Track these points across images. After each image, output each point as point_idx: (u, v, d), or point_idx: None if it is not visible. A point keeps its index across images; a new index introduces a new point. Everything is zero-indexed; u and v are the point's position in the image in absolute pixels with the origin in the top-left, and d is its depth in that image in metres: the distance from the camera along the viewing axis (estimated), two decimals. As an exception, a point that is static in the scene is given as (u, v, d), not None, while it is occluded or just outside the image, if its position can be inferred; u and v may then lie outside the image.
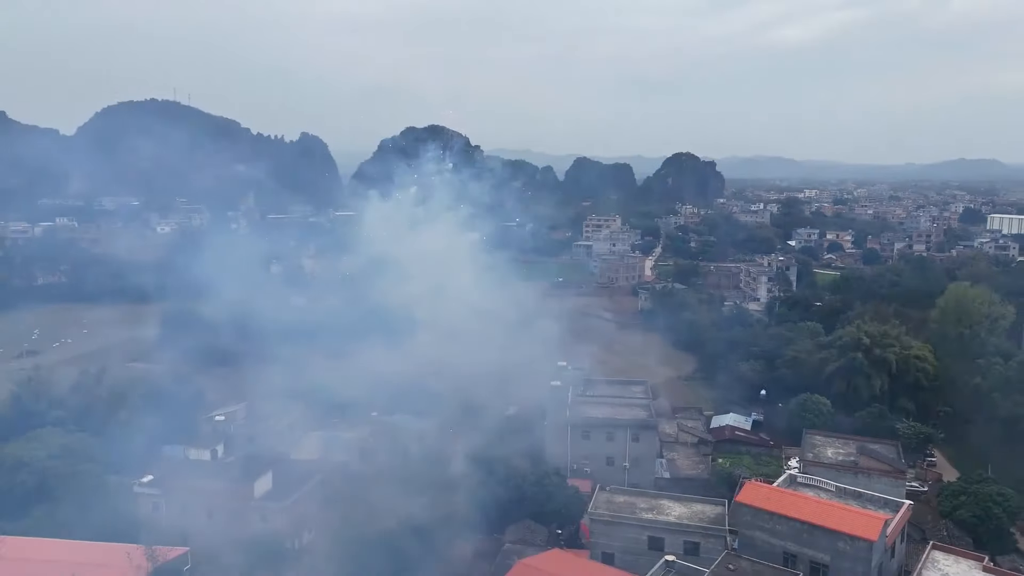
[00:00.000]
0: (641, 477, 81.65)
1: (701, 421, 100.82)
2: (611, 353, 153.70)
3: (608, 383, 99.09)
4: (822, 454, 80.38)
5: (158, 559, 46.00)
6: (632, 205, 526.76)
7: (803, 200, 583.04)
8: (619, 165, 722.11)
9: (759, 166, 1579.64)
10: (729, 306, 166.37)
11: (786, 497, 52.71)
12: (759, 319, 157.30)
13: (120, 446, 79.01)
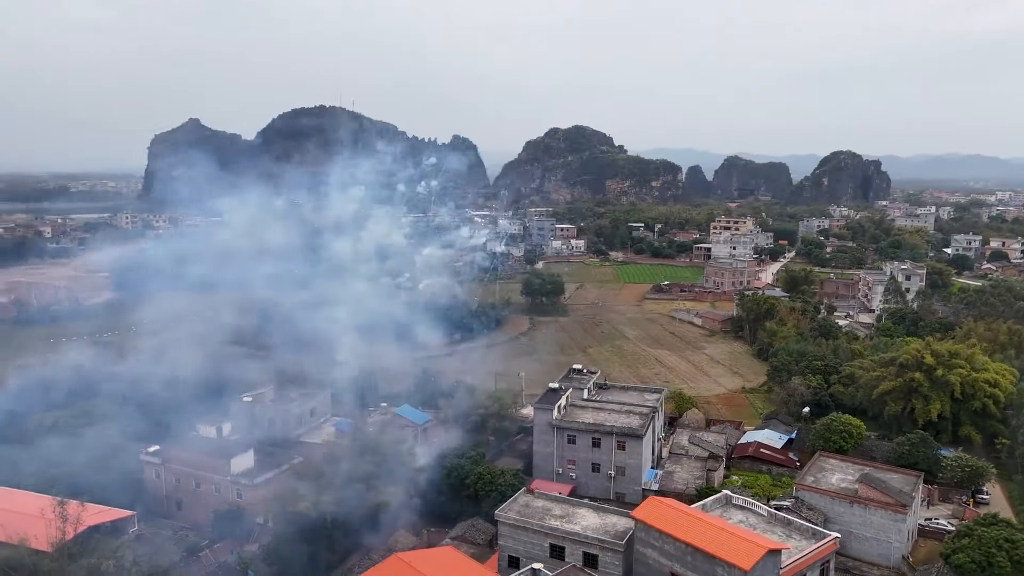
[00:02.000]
0: (627, 487, 79.55)
1: (727, 436, 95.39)
2: (682, 359, 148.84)
3: (623, 389, 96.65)
4: (825, 479, 74.09)
5: (67, 514, 52.04)
6: (780, 206, 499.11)
7: (988, 203, 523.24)
8: (774, 164, 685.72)
9: (952, 165, 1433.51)
10: (825, 317, 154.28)
11: (680, 516, 49.86)
12: (850, 332, 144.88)
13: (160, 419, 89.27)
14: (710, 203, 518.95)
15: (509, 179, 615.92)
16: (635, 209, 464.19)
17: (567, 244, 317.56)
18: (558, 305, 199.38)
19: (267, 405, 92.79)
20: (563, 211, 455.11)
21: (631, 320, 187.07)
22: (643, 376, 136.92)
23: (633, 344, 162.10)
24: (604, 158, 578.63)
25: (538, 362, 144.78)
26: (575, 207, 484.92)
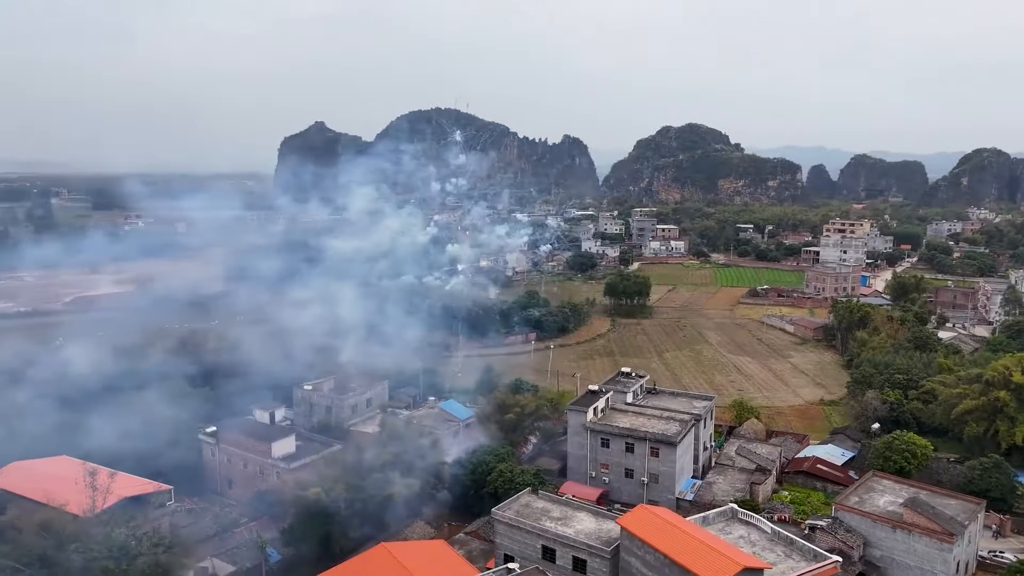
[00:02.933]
0: (660, 494, 77.44)
1: (783, 449, 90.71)
2: (763, 367, 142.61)
3: (672, 395, 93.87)
4: (871, 501, 69.14)
5: (96, 483, 57.01)
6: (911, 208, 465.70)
7: None
8: (907, 163, 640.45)
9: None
10: (923, 328, 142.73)
11: (664, 527, 48.21)
12: (952, 345, 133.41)
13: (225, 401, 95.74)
14: (831, 204, 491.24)
15: (618, 178, 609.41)
16: (746, 210, 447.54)
17: (666, 245, 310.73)
18: (644, 307, 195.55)
19: (325, 394, 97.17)
20: (669, 211, 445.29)
21: (718, 325, 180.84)
22: (716, 383, 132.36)
23: (714, 350, 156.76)
24: (717, 157, 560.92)
25: (610, 364, 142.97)
26: (683, 207, 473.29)
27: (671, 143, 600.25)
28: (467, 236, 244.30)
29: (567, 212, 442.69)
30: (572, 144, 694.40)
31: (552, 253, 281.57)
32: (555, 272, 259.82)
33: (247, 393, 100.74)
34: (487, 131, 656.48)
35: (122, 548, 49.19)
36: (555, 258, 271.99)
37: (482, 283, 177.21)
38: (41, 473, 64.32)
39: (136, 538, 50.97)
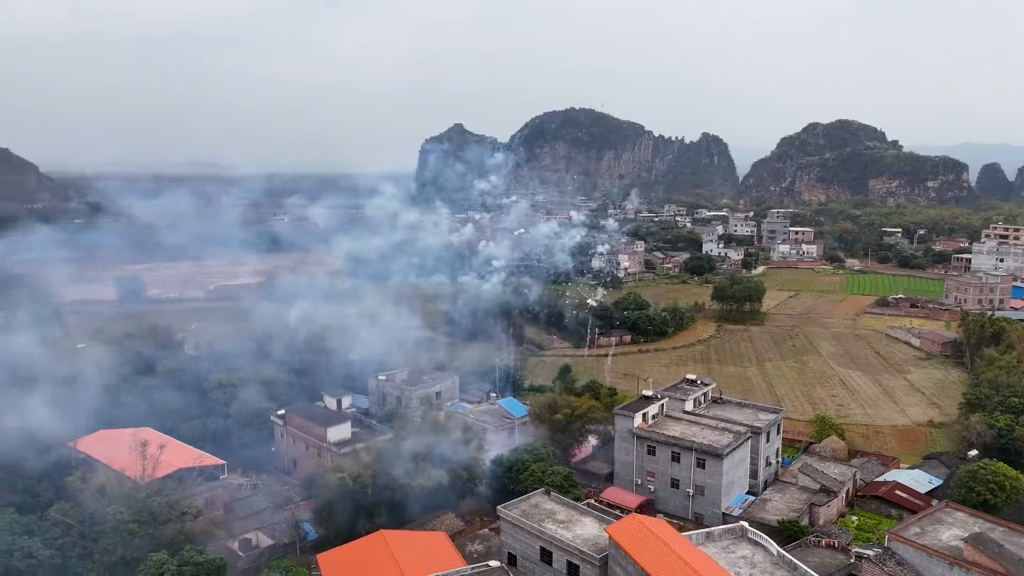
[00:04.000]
0: (706, 508, 74.36)
1: (860, 471, 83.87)
2: (873, 382, 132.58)
3: (738, 405, 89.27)
4: (933, 534, 62.71)
5: (145, 450, 62.86)
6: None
7: None
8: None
9: None
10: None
11: (650, 540, 46.42)
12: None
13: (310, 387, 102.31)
14: (1001, 207, 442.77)
15: (757, 178, 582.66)
16: (897, 212, 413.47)
17: (797, 249, 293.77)
18: (755, 313, 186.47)
19: (396, 384, 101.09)
20: (809, 213, 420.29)
21: (835, 335, 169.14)
22: (814, 397, 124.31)
23: (822, 361, 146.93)
24: (869, 155, 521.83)
25: (702, 371, 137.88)
26: (826, 209, 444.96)
27: (818, 140, 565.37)
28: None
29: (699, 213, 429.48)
30: (711, 142, 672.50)
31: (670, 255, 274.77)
32: (669, 274, 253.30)
33: (341, 380, 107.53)
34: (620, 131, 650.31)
35: (152, 514, 54.27)
36: (672, 260, 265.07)
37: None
38: (118, 441, 71.74)
39: (170, 506, 55.98)
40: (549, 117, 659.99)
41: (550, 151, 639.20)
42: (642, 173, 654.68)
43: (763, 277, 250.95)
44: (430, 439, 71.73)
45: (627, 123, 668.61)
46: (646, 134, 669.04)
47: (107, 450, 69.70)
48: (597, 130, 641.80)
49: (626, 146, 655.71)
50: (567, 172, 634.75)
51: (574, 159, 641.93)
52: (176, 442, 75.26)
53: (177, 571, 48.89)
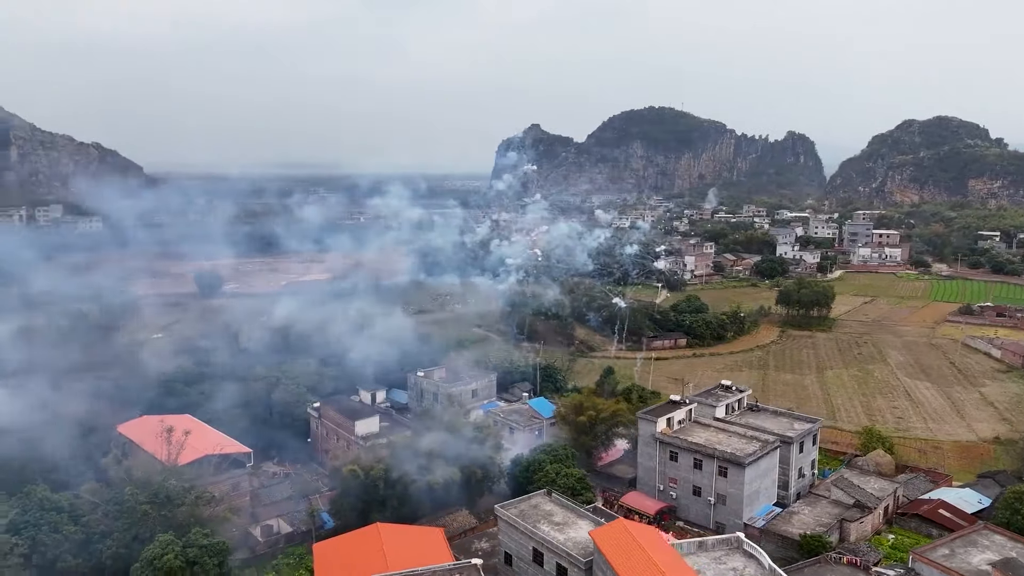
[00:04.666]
0: (727, 517, 72.15)
1: (903, 487, 79.42)
2: (941, 395, 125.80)
3: (774, 413, 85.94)
4: (963, 556, 59.01)
5: (170, 436, 66.13)
6: None
7: None
8: None
9: None
10: None
11: (630, 547, 45.45)
12: None
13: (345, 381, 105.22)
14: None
15: (845, 177, 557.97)
16: (997, 214, 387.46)
17: (879, 252, 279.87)
18: (824, 319, 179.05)
19: (433, 381, 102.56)
20: (899, 215, 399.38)
21: (907, 344, 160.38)
22: (873, 408, 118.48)
23: (888, 370, 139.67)
24: (969, 153, 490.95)
25: (758, 378, 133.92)
26: (918, 211, 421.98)
27: (913, 138, 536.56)
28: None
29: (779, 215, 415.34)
30: (796, 141, 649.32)
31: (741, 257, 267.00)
32: (739, 277, 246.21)
33: (391, 375, 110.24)
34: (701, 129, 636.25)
35: (168, 496, 57.25)
36: (742, 262, 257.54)
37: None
38: (156, 427, 75.74)
39: (185, 490, 58.87)
40: (627, 116, 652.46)
41: (626, 151, 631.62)
42: (723, 173, 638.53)
43: (838, 281, 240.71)
44: (445, 436, 72.46)
45: (708, 121, 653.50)
46: (728, 133, 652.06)
47: (144, 435, 73.71)
48: (677, 129, 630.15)
49: (706, 145, 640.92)
50: (644, 172, 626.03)
51: (652, 159, 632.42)
52: (210, 430, 78.76)
53: (181, 552, 51.38)
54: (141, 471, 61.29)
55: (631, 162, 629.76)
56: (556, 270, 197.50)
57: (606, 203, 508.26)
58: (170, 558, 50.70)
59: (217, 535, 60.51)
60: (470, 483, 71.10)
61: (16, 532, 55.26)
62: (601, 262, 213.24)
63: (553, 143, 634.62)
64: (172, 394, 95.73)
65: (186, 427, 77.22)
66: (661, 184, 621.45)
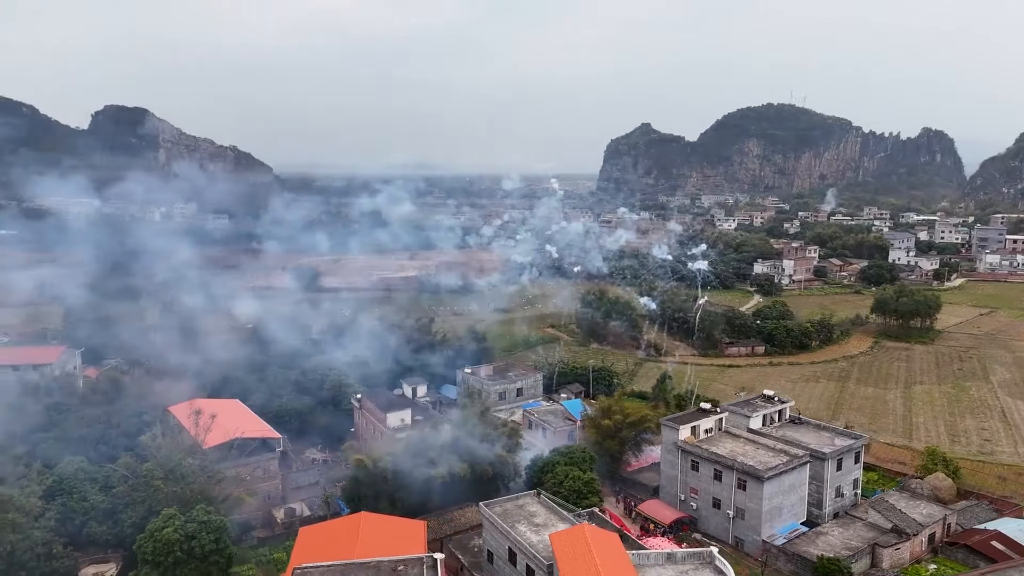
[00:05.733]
0: (746, 533, 68.83)
1: (956, 513, 72.65)
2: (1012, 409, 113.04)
3: (816, 427, 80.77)
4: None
5: (197, 418, 70.49)
6: None
7: None
8: None
9: None
10: None
11: (582, 552, 44.34)
12: None
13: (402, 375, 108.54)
14: None
15: (987, 177, 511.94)
16: None
17: (1010, 260, 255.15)
18: (927, 330, 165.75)
19: (478, 378, 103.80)
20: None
21: (1019, 360, 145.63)
22: (958, 428, 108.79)
23: (988, 389, 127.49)
24: None
25: (833, 390, 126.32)
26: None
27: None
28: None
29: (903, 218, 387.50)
30: (932, 138, 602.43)
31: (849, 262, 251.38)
32: (842, 283, 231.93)
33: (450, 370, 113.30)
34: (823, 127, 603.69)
35: (182, 474, 61.45)
36: (848, 267, 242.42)
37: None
38: (206, 410, 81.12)
39: (201, 468, 62.98)
40: (743, 114, 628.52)
41: (741, 149, 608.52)
42: (847, 173, 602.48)
43: (957, 291, 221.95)
44: (459, 432, 73.34)
45: (832, 118, 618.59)
46: (853, 130, 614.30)
47: (188, 416, 79.12)
48: (797, 127, 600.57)
49: (829, 143, 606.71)
50: (760, 172, 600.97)
51: (769, 158, 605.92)
52: (250, 416, 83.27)
53: (181, 526, 55.07)
54: (167, 449, 65.94)
55: (746, 161, 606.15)
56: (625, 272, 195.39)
57: (716, 204, 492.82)
58: (169, 531, 54.39)
59: (232, 514, 64.62)
60: (482, 480, 71.53)
61: (51, 498, 61.16)
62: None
63: (664, 142, 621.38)
64: (232, 380, 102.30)
65: (230, 411, 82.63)
66: (778, 184, 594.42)
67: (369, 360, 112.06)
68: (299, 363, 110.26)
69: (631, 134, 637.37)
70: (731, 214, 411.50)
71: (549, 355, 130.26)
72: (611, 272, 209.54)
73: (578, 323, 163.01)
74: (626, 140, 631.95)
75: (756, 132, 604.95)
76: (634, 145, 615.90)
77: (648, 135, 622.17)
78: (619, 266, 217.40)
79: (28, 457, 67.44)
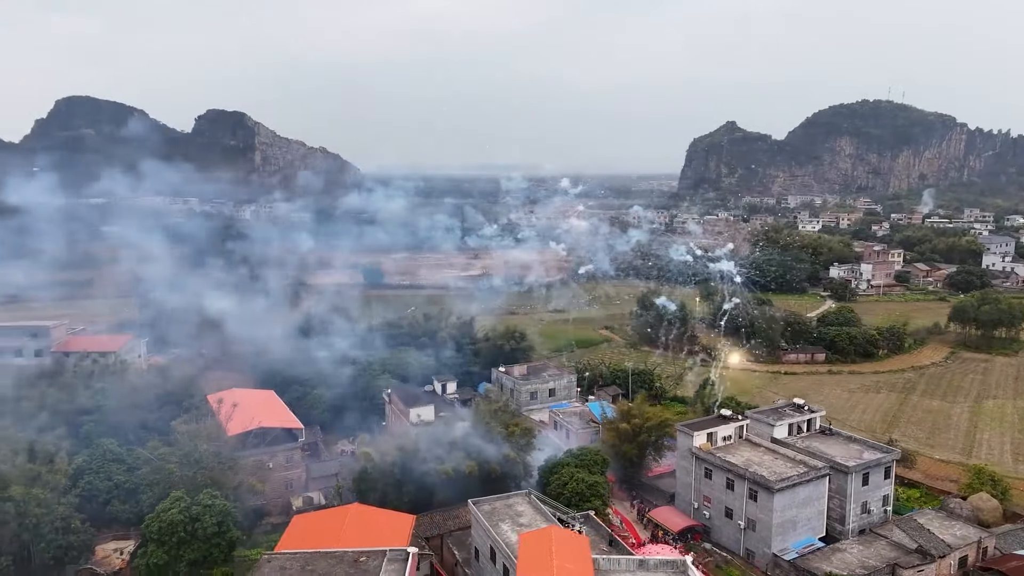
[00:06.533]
0: (756, 545, 66.39)
1: (997, 538, 67.54)
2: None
3: (847, 439, 76.64)
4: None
5: (217, 406, 73.55)
6: None
7: None
8: None
9: None
10: None
11: (541, 554, 43.89)
12: None
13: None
14: None
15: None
16: None
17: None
18: (1013, 340, 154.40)
19: (511, 377, 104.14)
20: None
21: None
22: (1022, 446, 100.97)
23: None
24: None
25: (895, 402, 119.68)
26: None
27: None
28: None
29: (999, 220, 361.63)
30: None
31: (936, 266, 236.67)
32: (927, 289, 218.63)
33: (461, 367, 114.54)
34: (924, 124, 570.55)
35: (197, 461, 64.65)
36: (935, 273, 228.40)
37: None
38: (241, 401, 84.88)
39: (214, 454, 66.06)
40: (835, 111, 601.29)
41: (833, 148, 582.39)
42: (950, 172, 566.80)
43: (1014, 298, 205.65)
44: (470, 430, 73.88)
45: (934, 115, 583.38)
46: (957, 127, 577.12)
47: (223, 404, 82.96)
48: (895, 124, 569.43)
49: (930, 141, 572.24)
50: (852, 171, 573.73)
51: (863, 157, 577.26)
52: (280, 406, 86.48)
53: (187, 508, 58.00)
54: (188, 435, 69.45)
55: (837, 161, 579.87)
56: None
57: (802, 204, 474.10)
58: (174, 512, 57.40)
59: (246, 500, 67.58)
60: (490, 478, 71.74)
61: (79, 476, 65.61)
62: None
63: (749, 141, 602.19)
64: (278, 371, 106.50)
65: (261, 401, 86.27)
66: (872, 185, 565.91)
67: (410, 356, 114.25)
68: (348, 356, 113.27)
69: (715, 132, 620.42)
70: (816, 215, 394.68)
71: (594, 357, 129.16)
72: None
73: (633, 325, 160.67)
74: (709, 139, 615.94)
75: (849, 130, 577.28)
76: (718, 144, 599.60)
77: (732, 133, 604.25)
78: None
79: (69, 438, 72.41)
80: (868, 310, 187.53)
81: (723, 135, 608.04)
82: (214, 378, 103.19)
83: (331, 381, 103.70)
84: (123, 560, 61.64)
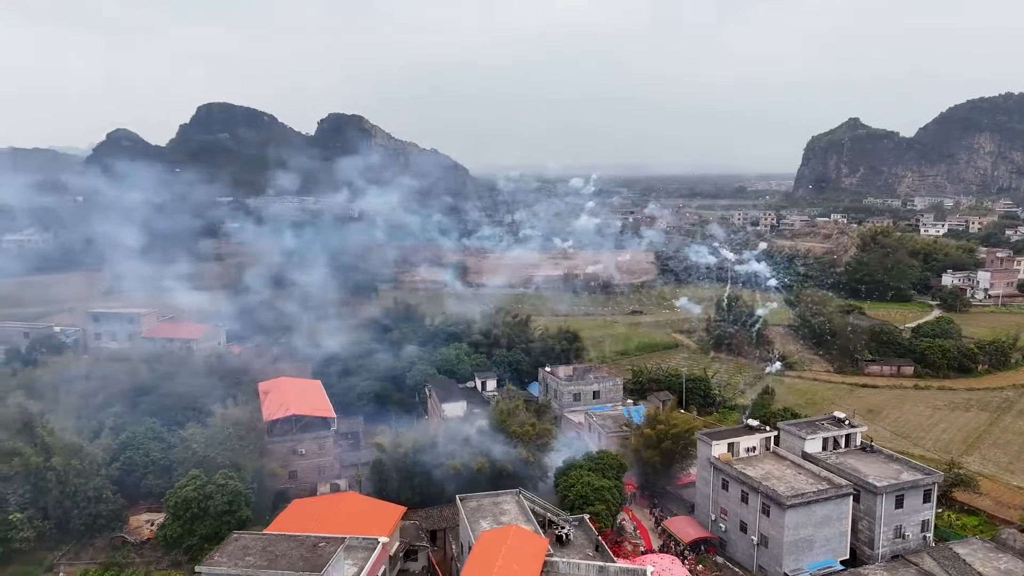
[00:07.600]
0: (768, 563, 63.01)
1: None
2: None
3: (887, 457, 70.81)
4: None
5: (264, 394, 77.37)
6: None
7: None
8: None
9: None
10: None
11: (490, 554, 43.94)
12: None
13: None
14: None
15: None
16: None
17: None
18: None
19: (556, 378, 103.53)
20: None
21: None
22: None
23: None
24: None
25: (982, 421, 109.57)
26: None
27: None
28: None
29: None
30: None
31: None
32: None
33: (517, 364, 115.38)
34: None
35: (221, 443, 68.79)
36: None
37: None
38: (285, 388, 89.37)
39: (239, 437, 70.04)
40: (973, 106, 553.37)
41: (970, 145, 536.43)
42: None
43: None
44: (486, 429, 74.37)
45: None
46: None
47: (267, 393, 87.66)
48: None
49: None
50: (993, 171, 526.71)
51: (1005, 155, 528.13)
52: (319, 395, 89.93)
53: (202, 486, 61.98)
54: (223, 419, 73.98)
55: (975, 159, 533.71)
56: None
57: (931, 206, 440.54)
58: (189, 489, 61.54)
59: (270, 482, 71.35)
60: (502, 475, 71.90)
61: (123, 451, 71.41)
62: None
63: (873, 138, 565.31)
64: (336, 362, 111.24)
65: (303, 390, 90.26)
66: (1016, 186, 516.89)
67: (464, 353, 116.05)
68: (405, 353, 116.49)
69: (836, 130, 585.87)
70: (942, 218, 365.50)
71: (661, 361, 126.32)
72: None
73: (707, 329, 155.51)
74: (829, 137, 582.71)
75: (989, 126, 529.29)
76: (838, 142, 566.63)
77: (855, 130, 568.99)
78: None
79: (124, 415, 78.83)
80: (979, 321, 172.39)
81: (844, 132, 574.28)
82: (275, 367, 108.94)
83: (383, 374, 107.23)
84: (151, 531, 66.45)
